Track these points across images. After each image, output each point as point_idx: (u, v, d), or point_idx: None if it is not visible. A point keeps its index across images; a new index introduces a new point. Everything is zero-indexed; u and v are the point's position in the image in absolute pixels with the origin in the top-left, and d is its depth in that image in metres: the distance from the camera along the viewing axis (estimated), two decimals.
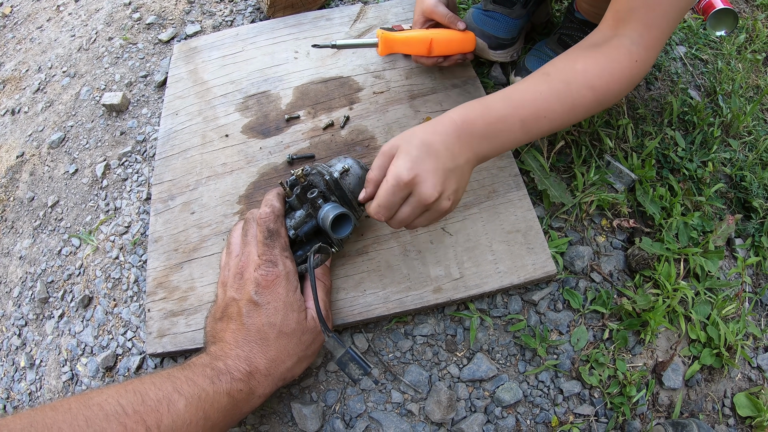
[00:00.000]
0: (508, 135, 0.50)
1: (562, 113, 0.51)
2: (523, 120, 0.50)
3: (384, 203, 0.46)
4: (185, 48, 0.82)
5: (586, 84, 0.51)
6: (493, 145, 0.50)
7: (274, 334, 0.48)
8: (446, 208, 0.48)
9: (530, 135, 0.51)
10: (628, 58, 0.51)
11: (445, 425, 0.58)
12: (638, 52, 0.51)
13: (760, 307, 0.71)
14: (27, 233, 0.80)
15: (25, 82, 0.99)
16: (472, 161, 0.49)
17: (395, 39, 0.65)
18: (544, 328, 0.62)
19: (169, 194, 0.68)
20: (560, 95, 0.50)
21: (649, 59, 0.53)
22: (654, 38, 0.52)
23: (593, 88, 0.51)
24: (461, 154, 0.48)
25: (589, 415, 0.59)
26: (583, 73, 0.51)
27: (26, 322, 0.72)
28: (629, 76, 0.52)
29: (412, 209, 0.47)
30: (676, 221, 0.68)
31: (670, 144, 0.77)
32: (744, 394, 0.64)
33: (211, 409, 0.43)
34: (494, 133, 0.49)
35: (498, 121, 0.49)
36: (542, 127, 0.51)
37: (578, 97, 0.51)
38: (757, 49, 0.98)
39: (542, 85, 0.51)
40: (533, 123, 0.50)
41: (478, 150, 0.49)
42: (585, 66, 0.51)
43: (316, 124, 0.71)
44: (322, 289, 0.53)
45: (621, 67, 0.51)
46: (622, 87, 0.52)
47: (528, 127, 0.50)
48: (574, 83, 0.51)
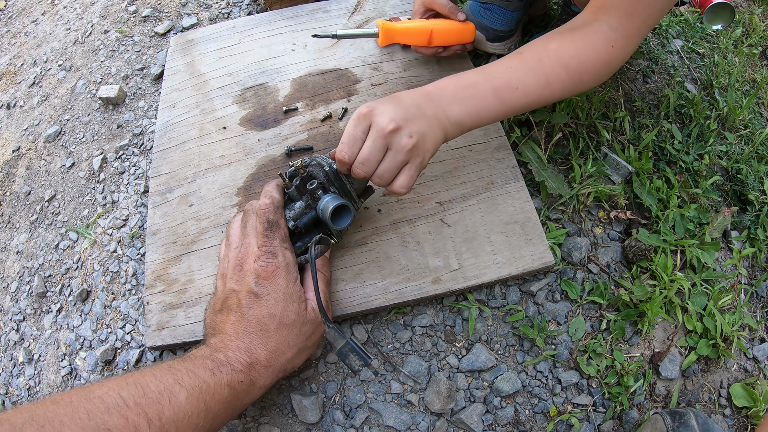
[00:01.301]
0: (480, 100, 0.51)
1: (537, 87, 0.52)
2: (495, 87, 0.51)
3: (346, 138, 0.48)
4: (182, 40, 0.82)
5: (559, 62, 0.52)
6: (466, 107, 0.51)
7: (275, 326, 0.48)
8: (408, 145, 0.47)
9: (505, 105, 0.52)
10: (605, 43, 0.52)
11: (445, 415, 0.58)
12: (615, 38, 0.53)
13: (755, 299, 0.71)
14: (24, 228, 0.79)
15: (21, 76, 0.98)
16: (442, 119, 0.50)
17: (396, 30, 0.65)
18: (542, 318, 0.62)
19: (167, 187, 0.68)
20: (533, 70, 0.52)
21: (628, 46, 0.54)
22: (634, 27, 0.53)
23: (567, 66, 0.52)
24: (428, 108, 0.49)
25: (587, 404, 0.60)
26: (555, 51, 0.52)
27: (24, 316, 0.72)
28: (605, 60, 0.53)
29: (373, 141, 0.47)
30: (673, 213, 0.69)
31: (666, 136, 0.77)
32: (740, 385, 0.64)
33: (213, 400, 0.43)
34: (466, 96, 0.51)
35: (469, 86, 0.51)
36: (518, 99, 0.52)
37: (552, 73, 0.52)
38: (753, 43, 0.98)
39: (514, 61, 0.53)
40: (507, 92, 0.51)
41: (449, 110, 0.50)
42: (559, 45, 0.53)
43: (315, 116, 0.71)
44: (322, 280, 0.53)
45: (596, 50, 0.53)
46: (598, 70, 0.54)
47: (502, 96, 0.51)
48: (547, 60, 0.52)
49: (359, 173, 0.49)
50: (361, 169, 0.49)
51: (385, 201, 0.64)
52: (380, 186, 0.51)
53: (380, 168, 0.49)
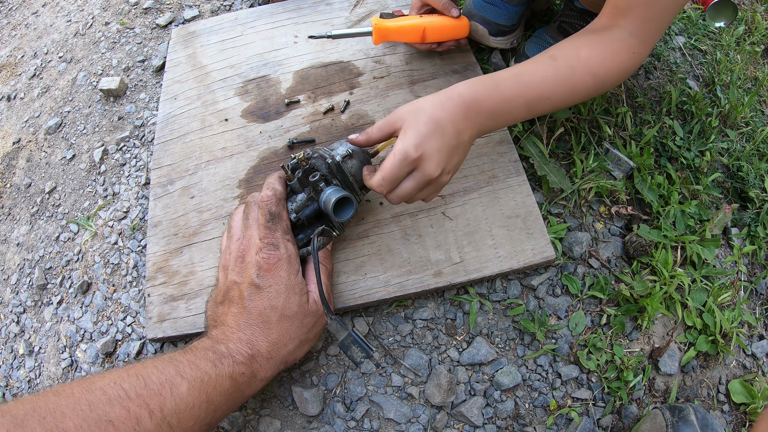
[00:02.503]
0: (512, 114, 0.53)
1: (563, 96, 0.54)
2: (528, 101, 0.52)
3: (389, 177, 0.48)
4: (183, 32, 0.82)
5: (589, 71, 0.53)
6: (497, 122, 0.53)
7: (276, 317, 0.48)
8: (445, 182, 0.51)
9: (532, 114, 0.54)
10: (627, 50, 0.54)
11: (445, 408, 0.58)
12: (635, 45, 0.54)
13: (755, 296, 0.72)
14: (24, 220, 0.79)
15: (21, 68, 0.98)
16: (474, 137, 0.52)
17: (389, 28, 0.66)
18: (542, 312, 0.62)
19: (168, 179, 0.67)
20: (565, 80, 0.53)
21: (645, 51, 0.55)
22: (650, 32, 0.54)
23: (595, 75, 0.53)
24: (466, 131, 0.49)
25: (587, 399, 0.60)
26: (586, 59, 0.53)
27: (24, 309, 0.72)
28: (626, 67, 0.55)
29: (416, 184, 0.48)
30: (674, 209, 0.69)
31: (668, 133, 0.77)
32: (739, 381, 0.65)
33: (214, 392, 0.43)
34: (500, 113, 0.52)
35: (505, 101, 0.51)
36: (544, 108, 0.54)
37: (580, 82, 0.53)
38: (755, 41, 0.98)
39: (550, 69, 0.53)
40: (536, 104, 0.53)
41: (482, 127, 0.52)
42: (589, 53, 0.53)
43: (317, 109, 0.71)
44: (324, 272, 0.53)
45: (620, 58, 0.54)
46: (619, 76, 0.55)
47: (531, 107, 0.53)
48: (579, 69, 0.53)
49: (392, 202, 0.51)
50: (396, 201, 0.50)
51: None
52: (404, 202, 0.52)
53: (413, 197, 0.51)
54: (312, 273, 0.53)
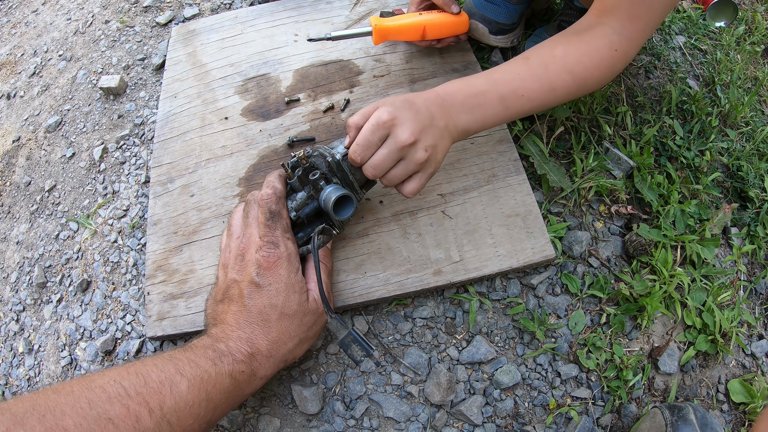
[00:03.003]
0: (487, 109, 0.53)
1: (541, 93, 0.53)
2: (501, 96, 0.52)
3: (362, 142, 0.48)
4: (183, 31, 0.82)
5: (564, 68, 0.53)
6: (473, 116, 0.52)
7: (276, 316, 0.48)
8: (421, 159, 0.49)
9: (510, 111, 0.53)
10: (609, 47, 0.53)
11: (445, 407, 0.58)
12: (619, 42, 0.53)
13: (754, 296, 0.72)
14: (24, 218, 0.79)
15: (21, 66, 0.97)
16: (452, 129, 0.51)
17: (388, 28, 0.66)
18: (542, 311, 0.62)
19: (168, 177, 0.67)
20: (539, 77, 0.53)
21: (631, 49, 0.55)
22: (637, 30, 0.53)
23: (572, 72, 0.53)
24: (440, 119, 0.50)
25: (587, 398, 0.60)
26: (562, 57, 0.53)
27: (24, 307, 0.72)
28: (609, 64, 0.54)
29: (389, 151, 0.48)
30: (674, 209, 0.69)
31: (668, 132, 0.77)
32: (738, 381, 0.65)
33: (214, 390, 0.43)
34: (473, 105, 0.52)
35: (477, 95, 0.52)
36: (522, 105, 0.53)
37: (557, 79, 0.53)
38: (756, 41, 0.98)
39: (522, 67, 0.53)
40: (512, 100, 0.53)
41: (458, 120, 0.52)
42: (564, 51, 0.53)
43: (317, 107, 0.71)
44: (324, 270, 0.53)
45: (600, 55, 0.54)
46: (602, 73, 0.55)
47: (507, 104, 0.53)
48: (553, 66, 0.53)
49: (368, 174, 0.50)
50: (371, 172, 0.50)
51: (386, 192, 0.64)
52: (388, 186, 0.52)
53: (391, 173, 0.50)
54: (312, 271, 0.53)
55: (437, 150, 0.50)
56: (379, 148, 0.49)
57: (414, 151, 0.49)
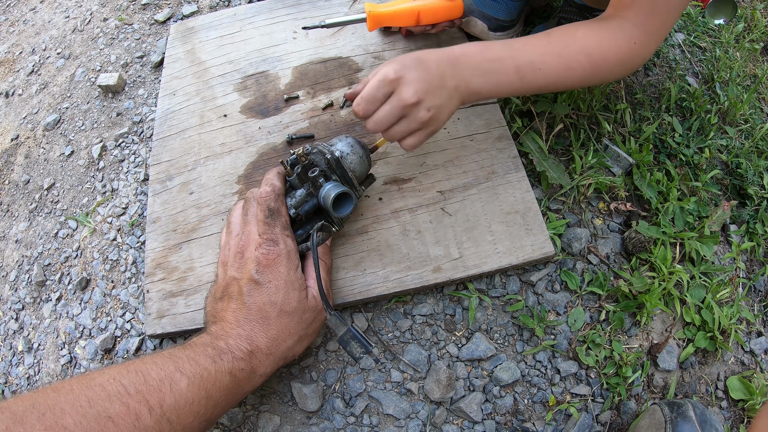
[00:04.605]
0: (502, 75, 0.53)
1: (558, 70, 0.54)
2: (518, 65, 0.53)
3: (366, 96, 0.49)
4: (182, 28, 0.81)
5: (583, 49, 0.54)
6: (487, 80, 0.52)
7: (275, 313, 0.48)
8: (424, 119, 0.50)
9: (524, 83, 0.53)
10: (627, 38, 0.54)
11: (444, 404, 0.58)
12: (638, 35, 0.54)
13: (753, 293, 0.72)
14: (23, 216, 0.79)
15: (19, 64, 0.97)
16: (462, 91, 0.52)
17: (382, 14, 0.66)
18: (541, 308, 0.62)
19: (167, 175, 0.67)
20: (558, 54, 0.54)
21: (650, 44, 0.55)
22: (655, 25, 0.54)
23: (590, 55, 0.54)
24: (451, 79, 0.50)
25: (586, 395, 0.60)
26: (582, 39, 0.54)
27: (23, 305, 0.72)
28: (626, 55, 0.55)
29: (391, 108, 0.49)
30: (673, 206, 0.69)
31: (667, 129, 0.77)
32: (737, 378, 0.65)
33: (213, 388, 0.43)
34: (489, 70, 0.52)
35: (494, 60, 0.52)
36: (537, 79, 0.54)
37: (574, 59, 0.54)
38: (755, 38, 0.98)
39: (542, 41, 0.54)
40: (528, 71, 0.53)
41: (470, 82, 0.52)
42: (585, 34, 0.54)
43: (316, 104, 0.71)
44: (323, 267, 0.53)
45: (618, 44, 0.54)
46: (619, 64, 0.55)
47: (522, 74, 0.53)
48: (572, 46, 0.54)
49: (369, 129, 0.51)
50: (373, 127, 0.51)
51: (386, 189, 0.64)
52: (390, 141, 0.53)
53: (392, 129, 0.51)
54: (311, 268, 0.53)
55: (441, 110, 0.51)
56: (383, 104, 0.49)
57: (417, 111, 0.49)
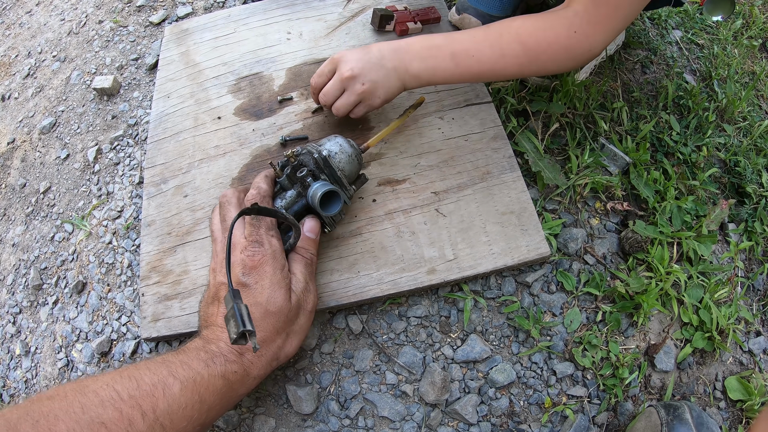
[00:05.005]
0: (439, 61, 0.58)
1: (492, 57, 0.58)
2: (454, 52, 0.58)
3: (317, 71, 0.62)
4: (177, 30, 0.81)
5: (516, 38, 0.57)
6: (425, 65, 0.59)
7: (260, 314, 0.48)
8: (359, 90, 0.58)
9: (460, 68, 0.58)
10: (567, 27, 0.56)
11: (440, 406, 0.58)
12: (579, 24, 0.55)
13: (752, 292, 0.71)
14: (19, 220, 0.79)
15: (15, 67, 0.97)
16: (401, 72, 0.59)
17: None
18: (537, 309, 0.62)
19: (161, 178, 0.67)
20: (491, 42, 0.58)
21: (594, 34, 0.56)
22: (601, 15, 0.55)
23: (523, 43, 0.57)
24: (390, 61, 0.58)
25: (582, 396, 0.60)
26: (516, 29, 0.57)
27: (20, 309, 0.72)
28: (565, 45, 0.56)
29: (333, 82, 0.60)
30: (670, 205, 0.68)
31: (664, 128, 0.76)
32: (735, 378, 0.64)
33: (207, 392, 0.43)
34: (427, 56, 0.58)
35: (432, 47, 0.59)
36: (471, 66, 0.58)
37: (507, 47, 0.57)
38: (753, 35, 0.97)
39: (479, 33, 0.59)
40: (463, 58, 0.58)
41: (410, 65, 0.58)
42: (521, 24, 0.58)
43: (309, 106, 0.70)
44: (301, 261, 0.53)
45: (556, 32, 0.56)
46: (556, 52, 0.57)
47: (458, 60, 0.58)
48: (506, 35, 0.58)
49: (322, 102, 0.62)
50: (322, 99, 0.61)
51: (380, 191, 0.64)
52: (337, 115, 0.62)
53: (337, 102, 0.61)
54: (294, 264, 0.52)
55: (377, 86, 0.59)
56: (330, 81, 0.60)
57: (353, 84, 0.58)
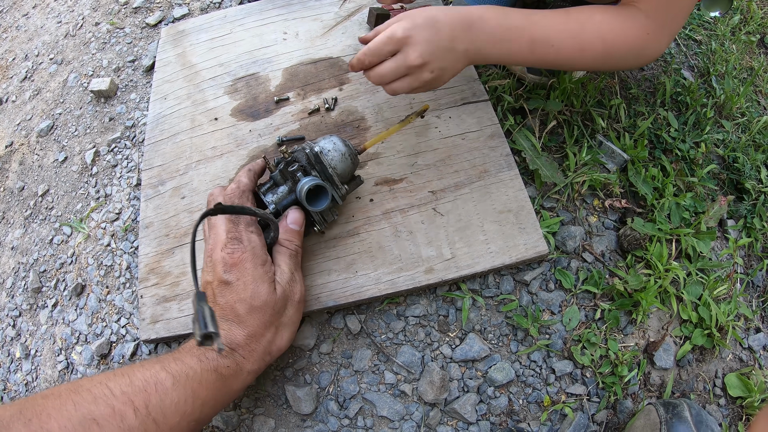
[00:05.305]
0: (514, 46, 0.53)
1: (571, 50, 0.54)
2: (533, 39, 0.53)
3: (371, 49, 0.50)
4: (173, 31, 0.81)
5: (598, 33, 0.53)
6: (499, 49, 0.53)
7: (245, 310, 0.48)
8: (427, 79, 0.51)
9: (535, 56, 0.54)
10: (641, 28, 0.54)
11: (438, 405, 0.58)
12: (651, 26, 0.54)
13: (751, 288, 0.71)
14: (18, 223, 0.79)
15: (12, 70, 0.97)
16: (471, 54, 0.52)
17: None
18: (536, 308, 0.62)
19: (159, 179, 0.67)
20: (574, 34, 0.53)
21: (663, 37, 0.55)
22: (669, 17, 0.54)
23: (604, 40, 0.54)
24: (462, 43, 0.51)
25: (581, 394, 0.60)
26: (599, 23, 0.54)
27: (20, 312, 0.72)
28: (639, 46, 0.54)
29: (396, 66, 0.50)
30: (669, 202, 0.68)
31: (662, 124, 0.76)
32: (735, 375, 0.64)
33: (200, 387, 0.43)
34: (503, 38, 0.52)
35: (511, 29, 0.52)
36: (549, 55, 0.54)
37: (588, 42, 0.54)
38: (751, 30, 0.97)
39: (560, 18, 0.54)
40: (541, 46, 0.53)
41: (481, 47, 0.52)
42: (602, 18, 0.54)
43: (306, 106, 0.70)
44: (285, 253, 0.53)
45: (633, 33, 0.54)
46: (631, 53, 0.55)
47: (535, 48, 0.53)
48: (589, 28, 0.54)
49: (371, 79, 0.52)
50: (375, 79, 0.52)
51: (377, 190, 0.64)
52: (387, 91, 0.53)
53: (393, 84, 0.52)
54: (279, 256, 0.52)
55: (446, 72, 0.51)
56: (387, 60, 0.50)
57: (420, 72, 0.50)
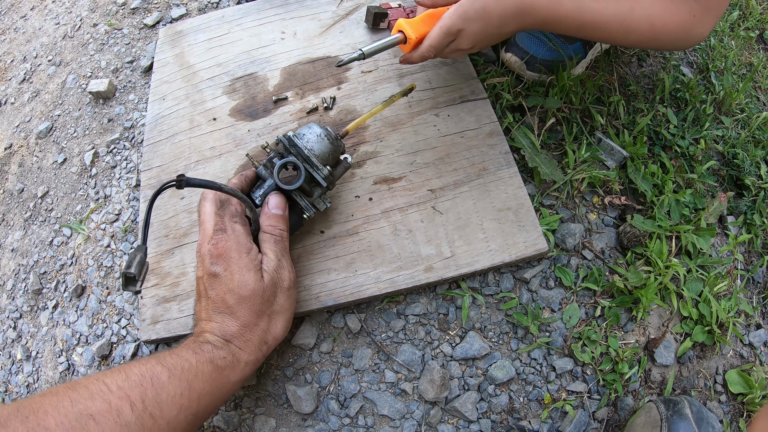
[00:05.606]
0: (561, 28, 0.56)
1: (617, 33, 0.56)
2: (581, 25, 0.55)
3: (434, 46, 0.56)
4: (171, 32, 0.81)
5: (647, 17, 0.55)
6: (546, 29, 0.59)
7: (234, 300, 0.48)
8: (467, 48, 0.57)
9: (581, 34, 0.57)
10: (687, 11, 0.56)
11: (439, 404, 0.58)
12: (697, 9, 0.56)
13: (751, 285, 0.71)
14: (18, 225, 0.79)
15: (11, 72, 0.97)
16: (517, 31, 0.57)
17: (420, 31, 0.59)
18: (536, 305, 0.62)
19: (158, 180, 0.67)
20: (622, 18, 0.55)
21: (708, 20, 0.57)
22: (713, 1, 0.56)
23: (652, 24, 0.55)
24: (510, 26, 0.55)
25: (582, 392, 0.60)
26: (648, 7, 0.55)
27: (21, 314, 0.72)
28: (685, 28, 0.56)
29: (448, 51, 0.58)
30: (668, 198, 0.68)
31: (662, 121, 0.76)
32: (736, 371, 0.64)
33: (196, 379, 0.43)
34: (551, 24, 0.56)
35: (561, 19, 0.55)
36: (593, 36, 0.57)
37: (636, 26, 0.55)
38: (750, 26, 0.97)
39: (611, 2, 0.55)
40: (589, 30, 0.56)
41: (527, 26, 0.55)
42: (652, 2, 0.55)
43: (304, 105, 0.70)
44: (270, 239, 0.53)
45: (680, 16, 0.56)
46: (677, 34, 0.57)
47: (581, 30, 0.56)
48: (638, 12, 0.55)
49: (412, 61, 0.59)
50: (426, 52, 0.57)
51: (376, 189, 0.64)
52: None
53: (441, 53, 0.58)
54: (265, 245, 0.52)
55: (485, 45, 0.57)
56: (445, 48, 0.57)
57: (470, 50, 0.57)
